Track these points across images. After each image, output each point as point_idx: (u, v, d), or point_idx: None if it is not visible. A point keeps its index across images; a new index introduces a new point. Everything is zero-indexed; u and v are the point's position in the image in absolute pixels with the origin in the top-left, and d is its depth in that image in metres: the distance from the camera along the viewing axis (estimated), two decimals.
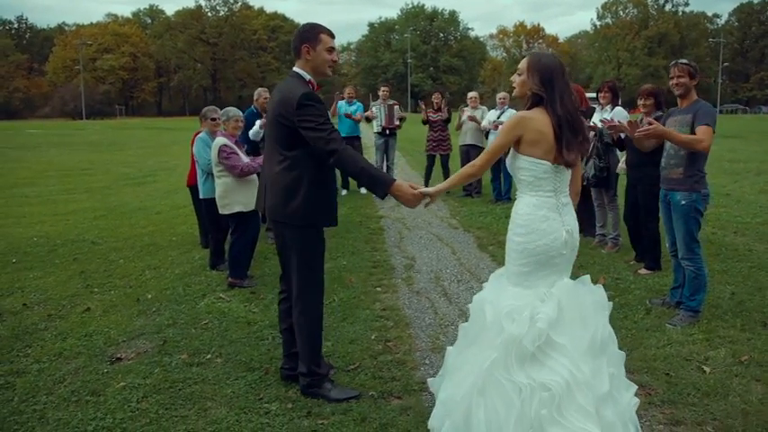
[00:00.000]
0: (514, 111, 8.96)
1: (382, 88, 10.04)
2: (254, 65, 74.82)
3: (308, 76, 2.99)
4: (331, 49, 3.00)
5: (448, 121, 9.77)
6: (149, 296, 4.87)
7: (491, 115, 9.04)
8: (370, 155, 12.32)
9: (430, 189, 2.79)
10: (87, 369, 3.49)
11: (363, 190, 10.16)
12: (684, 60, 3.99)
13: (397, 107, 10.05)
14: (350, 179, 9.40)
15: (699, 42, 68.52)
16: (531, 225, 2.47)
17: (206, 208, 5.51)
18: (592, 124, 5.63)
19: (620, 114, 5.64)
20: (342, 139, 2.86)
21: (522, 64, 2.57)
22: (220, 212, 5.01)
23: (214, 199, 5.17)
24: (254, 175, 5.04)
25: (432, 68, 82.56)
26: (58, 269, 5.77)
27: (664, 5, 71.10)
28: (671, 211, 4.10)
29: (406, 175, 12.28)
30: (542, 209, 2.48)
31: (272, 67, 75.20)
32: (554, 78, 2.44)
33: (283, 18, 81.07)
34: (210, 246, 5.68)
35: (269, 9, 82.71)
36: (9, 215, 8.81)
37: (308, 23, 3.09)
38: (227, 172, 4.88)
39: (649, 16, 70.28)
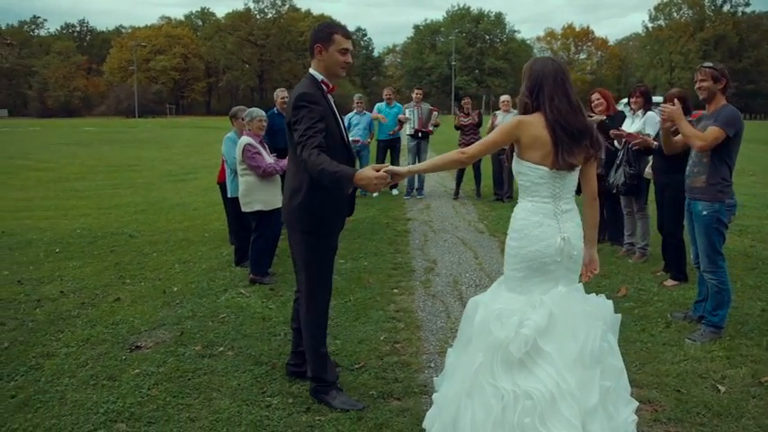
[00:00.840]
0: None
1: (416, 91, 10.07)
2: (299, 66, 75.97)
3: (320, 77, 2.95)
4: (344, 51, 2.92)
5: (479, 125, 9.70)
6: (175, 289, 5.06)
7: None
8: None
9: (398, 168, 2.74)
10: (108, 355, 3.67)
11: (395, 191, 10.23)
12: (709, 64, 3.87)
13: (435, 113, 10.04)
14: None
15: (760, 45, 65.38)
16: (525, 230, 2.46)
17: (232, 205, 5.68)
18: (620, 131, 5.50)
19: (652, 119, 5.48)
20: (317, 146, 2.72)
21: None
22: (242, 210, 5.15)
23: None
24: (277, 176, 5.17)
25: (477, 71, 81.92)
26: (96, 260, 6.06)
27: (722, 6, 68.21)
28: (694, 221, 3.97)
29: (438, 177, 12.24)
30: (537, 214, 2.45)
31: None
32: (543, 83, 2.43)
33: (330, 20, 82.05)
34: (236, 242, 5.85)
35: (316, 11, 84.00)
36: (59, 207, 9.31)
37: (323, 22, 3.02)
38: (250, 171, 5.02)
39: (705, 17, 67.57)
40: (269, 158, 5.13)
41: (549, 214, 2.45)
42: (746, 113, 53.39)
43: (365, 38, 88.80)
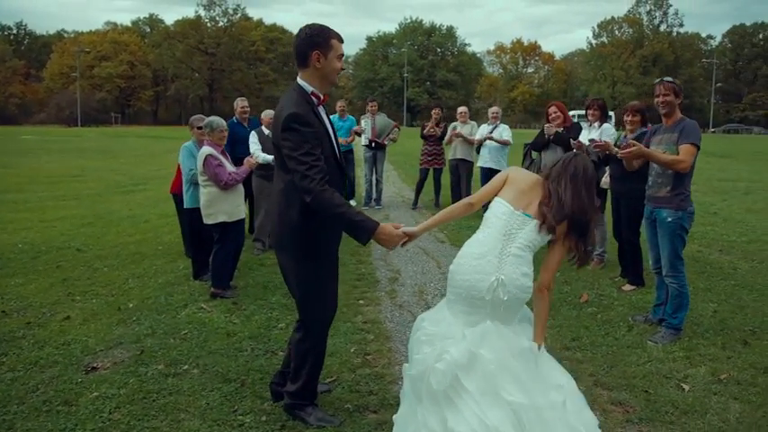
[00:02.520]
0: (506, 126, 9.02)
1: (370, 103, 10.09)
2: (251, 76, 75.12)
3: (310, 88, 2.71)
4: (340, 57, 2.74)
5: (442, 137, 9.78)
6: (131, 305, 4.83)
7: (483, 130, 9.07)
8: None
9: (413, 228, 2.62)
10: (62, 378, 3.44)
11: (353, 201, 10.17)
12: (669, 78, 4.03)
13: (396, 129, 10.03)
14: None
15: (692, 63, 69.38)
16: (463, 258, 2.42)
17: (190, 217, 5.49)
18: (578, 142, 5.66)
19: (607, 131, 5.68)
20: (322, 178, 2.53)
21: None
22: (204, 222, 4.98)
23: (198, 208, 5.16)
24: (240, 186, 5.04)
25: (428, 83, 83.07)
26: (41, 276, 5.72)
27: (659, 26, 72.06)
28: (656, 228, 4.11)
29: (396, 187, 12.29)
30: (483, 247, 2.40)
31: (269, 79, 75.51)
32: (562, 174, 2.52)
33: (282, 30, 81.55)
34: (194, 255, 5.66)
35: (268, 21, 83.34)
36: None
37: (315, 25, 2.71)
38: (211, 182, 4.86)
39: (644, 36, 71.18)
40: (231, 168, 4.99)
41: (493, 251, 2.38)
42: None
43: None
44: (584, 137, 5.86)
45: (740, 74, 69.58)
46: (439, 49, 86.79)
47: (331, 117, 9.72)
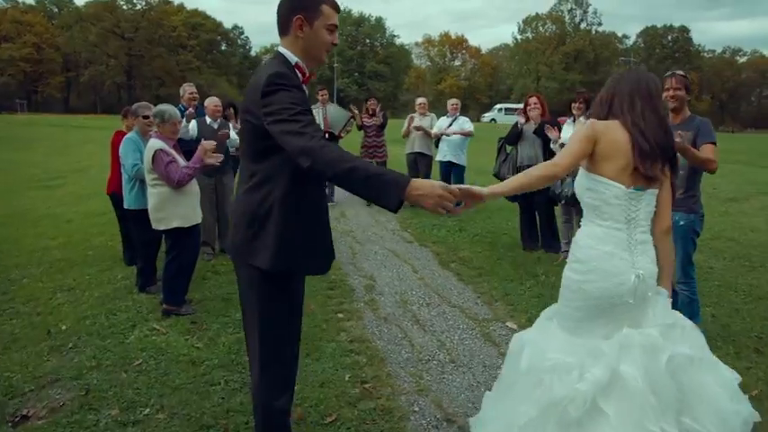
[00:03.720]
0: (467, 118, 8.68)
1: (320, 91, 9.41)
2: (173, 63, 71.15)
3: (294, 58, 2.15)
4: (333, 28, 2.18)
5: (383, 126, 9.28)
6: (63, 327, 4.03)
7: (441, 122, 8.69)
8: None
9: (478, 188, 2.03)
10: None
11: None
12: (681, 72, 3.74)
13: (352, 120, 9.38)
14: None
15: (611, 60, 72.71)
16: (592, 262, 2.05)
17: (133, 220, 4.71)
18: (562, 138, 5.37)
19: None
20: (321, 137, 1.95)
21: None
22: (154, 228, 4.24)
23: (143, 210, 4.41)
24: (195, 184, 4.33)
25: (357, 74, 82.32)
26: None
27: (579, 24, 75.05)
28: None
29: None
30: (608, 244, 2.05)
31: (192, 66, 71.82)
32: (632, 92, 2.17)
33: (204, 16, 77.98)
34: (138, 264, 4.87)
35: (190, 5, 79.36)
36: None
37: None
38: (163, 181, 4.12)
39: (566, 33, 73.86)
40: (183, 163, 4.26)
41: (621, 244, 2.04)
42: None
43: (242, 36, 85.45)
44: (568, 131, 5.58)
45: (653, 72, 73.81)
46: (368, 40, 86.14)
47: None
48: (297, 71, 2.14)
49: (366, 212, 8.80)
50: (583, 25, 75.20)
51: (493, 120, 48.19)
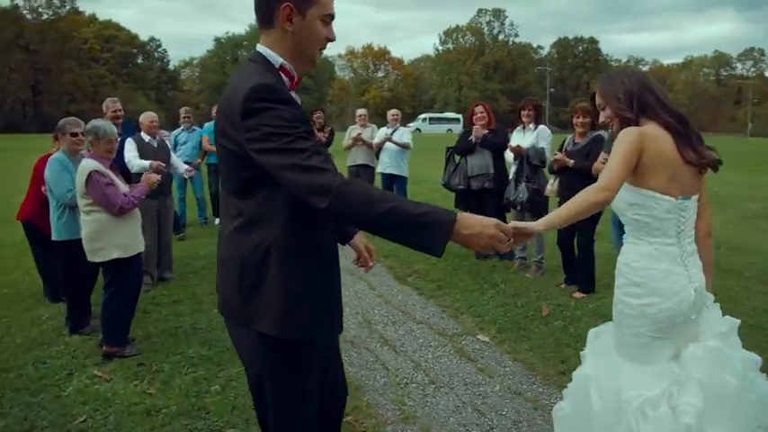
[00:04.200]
0: (407, 129, 8.59)
1: None
2: (84, 77, 67.28)
3: (278, 60, 1.72)
4: (329, 19, 1.75)
5: (328, 145, 8.93)
6: None
7: (382, 132, 8.55)
8: None
9: (530, 224, 1.82)
10: None
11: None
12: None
13: None
14: None
15: (528, 70, 76.24)
16: (651, 283, 1.93)
17: (63, 253, 4.18)
18: (518, 147, 5.36)
19: (543, 133, 5.45)
20: (334, 168, 1.57)
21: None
22: (90, 260, 3.76)
23: (75, 241, 3.93)
24: (136, 210, 3.91)
25: None
26: None
27: (497, 35, 78.12)
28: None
29: None
30: (663, 261, 1.94)
31: (105, 81, 68.24)
32: (647, 89, 2.04)
33: (118, 27, 74.47)
34: (68, 302, 4.33)
35: (102, 16, 75.60)
36: None
37: None
38: (99, 207, 3.67)
39: (485, 44, 76.61)
40: (124, 188, 3.84)
41: (675, 259, 1.94)
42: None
43: (160, 49, 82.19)
44: (518, 139, 5.58)
45: (566, 81, 77.86)
46: None
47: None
48: (282, 75, 1.73)
49: None
50: (501, 37, 78.38)
51: (417, 129, 48.95)
